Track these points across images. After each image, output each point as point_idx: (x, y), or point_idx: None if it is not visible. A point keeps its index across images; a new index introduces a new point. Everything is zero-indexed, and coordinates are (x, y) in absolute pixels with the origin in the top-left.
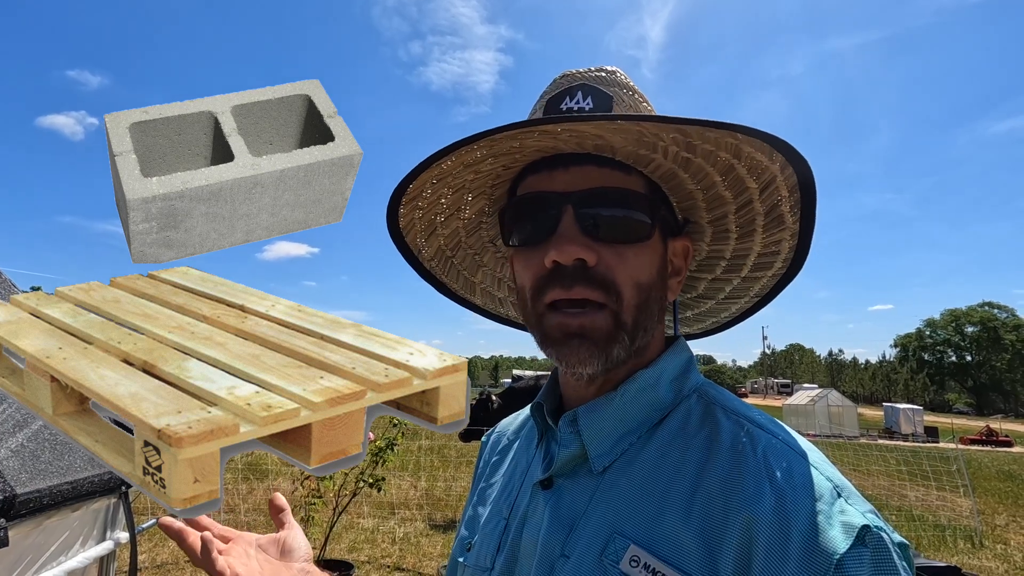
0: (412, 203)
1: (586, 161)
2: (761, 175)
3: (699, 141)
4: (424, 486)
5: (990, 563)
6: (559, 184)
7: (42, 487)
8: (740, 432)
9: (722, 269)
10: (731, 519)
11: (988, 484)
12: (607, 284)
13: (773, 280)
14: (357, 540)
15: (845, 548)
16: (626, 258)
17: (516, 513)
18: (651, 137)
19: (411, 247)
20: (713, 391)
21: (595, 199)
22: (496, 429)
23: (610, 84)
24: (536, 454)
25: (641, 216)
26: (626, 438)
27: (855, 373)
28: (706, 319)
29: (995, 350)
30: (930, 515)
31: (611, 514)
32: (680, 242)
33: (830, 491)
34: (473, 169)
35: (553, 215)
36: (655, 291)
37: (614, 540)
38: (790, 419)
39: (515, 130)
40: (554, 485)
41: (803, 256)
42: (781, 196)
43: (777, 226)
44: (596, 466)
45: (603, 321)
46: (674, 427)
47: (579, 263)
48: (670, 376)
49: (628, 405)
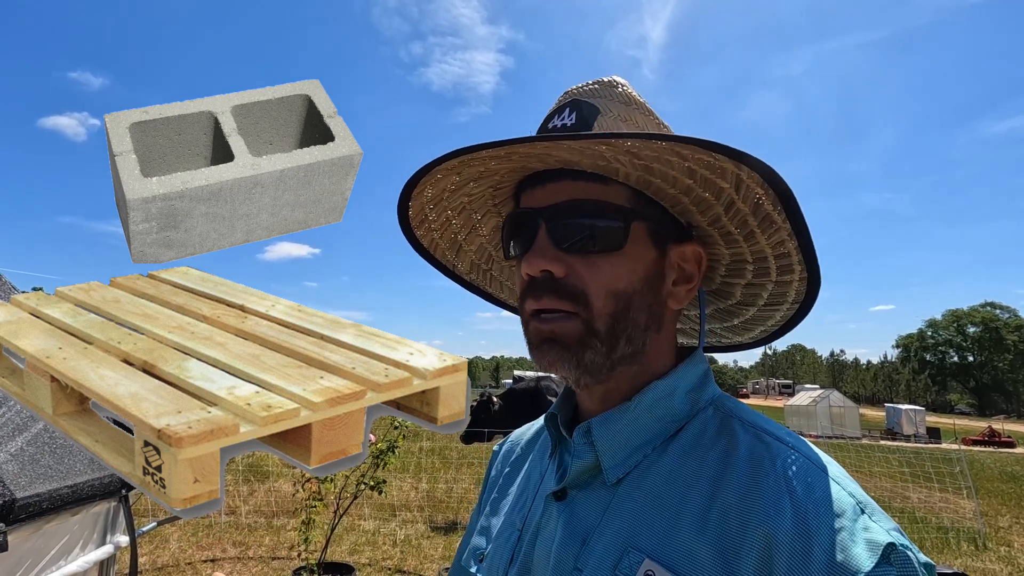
0: (423, 225)
1: (563, 176)
2: (724, 174)
3: (646, 151)
4: (425, 488)
5: (994, 565)
6: (536, 200)
7: (42, 491)
8: (759, 445)
9: (752, 273)
10: (749, 534)
11: (991, 485)
12: (575, 294)
13: (803, 284)
14: (358, 542)
15: (870, 567)
16: (598, 268)
17: (529, 525)
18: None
19: (445, 264)
20: (731, 403)
21: (565, 212)
22: (509, 439)
23: (599, 96)
24: (550, 465)
25: (611, 225)
26: (641, 450)
27: (857, 374)
28: (754, 327)
29: (997, 350)
30: (933, 517)
31: (625, 527)
32: (690, 247)
33: (853, 507)
34: (462, 192)
35: (531, 230)
36: (639, 298)
37: (628, 554)
38: (792, 420)
39: (457, 158)
40: (567, 497)
41: (811, 254)
42: (758, 194)
43: (770, 225)
44: (610, 478)
45: (573, 327)
46: (690, 439)
47: (546, 275)
48: (686, 387)
49: (643, 416)
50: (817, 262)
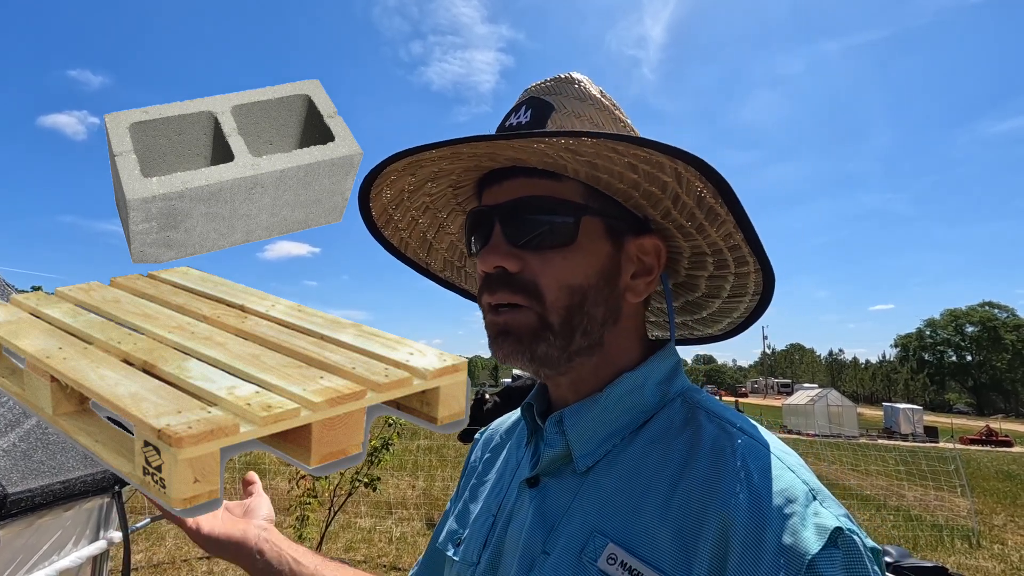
0: (390, 226)
1: (517, 174)
2: (663, 168)
3: (584, 147)
4: (422, 486)
5: (987, 563)
6: (493, 197)
7: (34, 486)
8: (722, 435)
9: (712, 265)
10: (707, 519)
11: (987, 484)
12: (528, 288)
13: (759, 275)
14: (354, 539)
15: (817, 549)
16: (551, 262)
17: (503, 510)
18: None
19: (418, 262)
20: (698, 395)
21: (518, 209)
22: (490, 427)
23: (555, 93)
24: (526, 453)
25: (564, 220)
26: (610, 439)
27: (855, 373)
28: (721, 319)
29: (995, 350)
30: (928, 515)
31: (592, 513)
32: (648, 240)
33: (805, 494)
34: (422, 192)
35: (486, 227)
36: (594, 292)
37: (593, 539)
38: (790, 419)
39: (405, 159)
40: (540, 484)
41: (758, 248)
42: (698, 187)
43: (715, 218)
44: (580, 466)
45: (525, 319)
46: (657, 429)
47: (500, 270)
48: (656, 380)
49: (613, 407)
50: (764, 253)
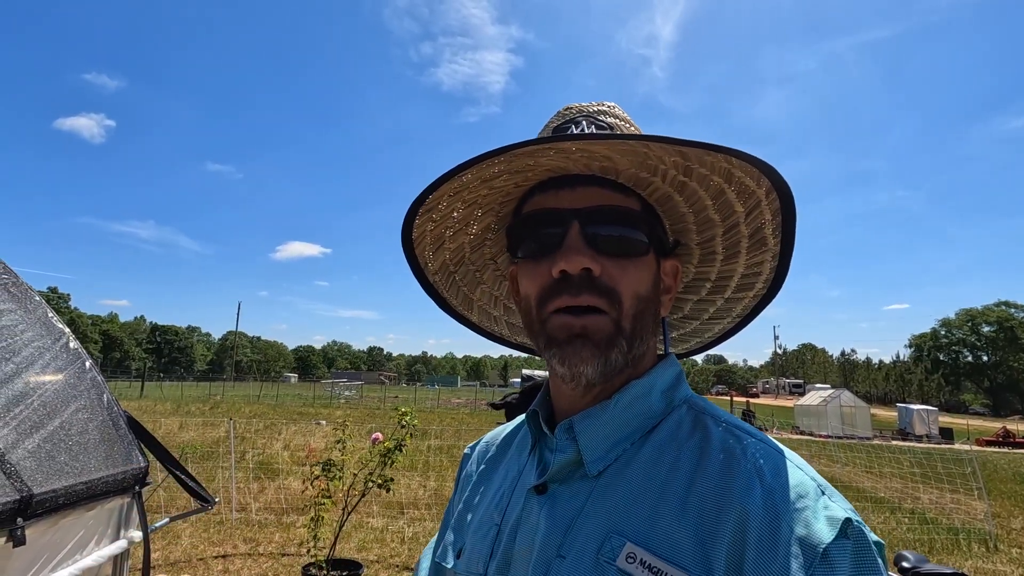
0: (427, 215)
1: (591, 182)
2: (748, 199)
3: (696, 164)
4: (433, 486)
5: (1005, 567)
6: (565, 202)
7: (58, 487)
8: (730, 438)
9: (707, 291)
10: (724, 516)
11: (1004, 487)
12: (610, 292)
13: (754, 301)
14: (366, 539)
15: (830, 539)
16: (627, 271)
17: (508, 519)
18: (654, 160)
19: (419, 259)
20: (702, 402)
21: (599, 216)
22: (483, 439)
23: (609, 115)
24: (529, 461)
25: (639, 234)
26: (620, 444)
27: (868, 373)
28: (690, 339)
29: (1012, 350)
30: (944, 518)
31: (607, 515)
32: (670, 262)
33: (814, 489)
34: (488, 184)
35: (560, 229)
36: (651, 304)
37: (610, 539)
38: (802, 419)
39: (535, 146)
40: (548, 490)
41: (782, 276)
42: (764, 220)
43: (759, 248)
44: (591, 470)
45: (605, 324)
46: (666, 434)
47: (585, 272)
48: (662, 387)
49: (622, 413)
50: (783, 279)
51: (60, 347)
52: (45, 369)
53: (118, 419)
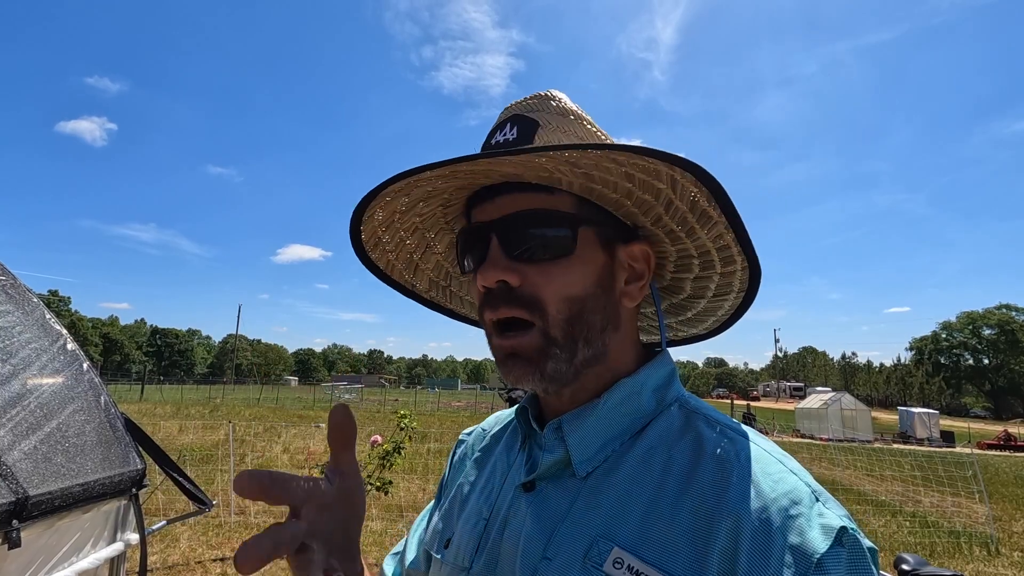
0: (378, 248)
1: (510, 189)
2: (659, 176)
3: (573, 159)
4: (432, 489)
5: (1006, 571)
6: (487, 214)
7: (54, 489)
8: (723, 440)
9: (698, 267)
10: (716, 522)
11: (1005, 490)
12: (532, 302)
13: (745, 274)
14: (365, 543)
15: (825, 548)
16: (552, 275)
17: (497, 515)
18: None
19: (403, 283)
20: (694, 402)
21: (515, 223)
22: (480, 426)
23: (538, 110)
24: (518, 457)
25: (560, 232)
26: (609, 444)
27: (869, 376)
28: (706, 318)
29: (1013, 353)
30: (945, 521)
31: (594, 517)
32: (637, 247)
33: (809, 495)
34: (413, 212)
35: (483, 243)
36: (592, 301)
37: (597, 543)
38: (802, 422)
39: (402, 180)
40: (536, 488)
41: (749, 246)
42: (692, 192)
43: (707, 221)
44: (580, 471)
45: (531, 340)
46: (656, 435)
47: (502, 284)
48: (652, 386)
49: (611, 413)
50: (753, 251)
51: (58, 349)
52: (42, 371)
53: (116, 421)
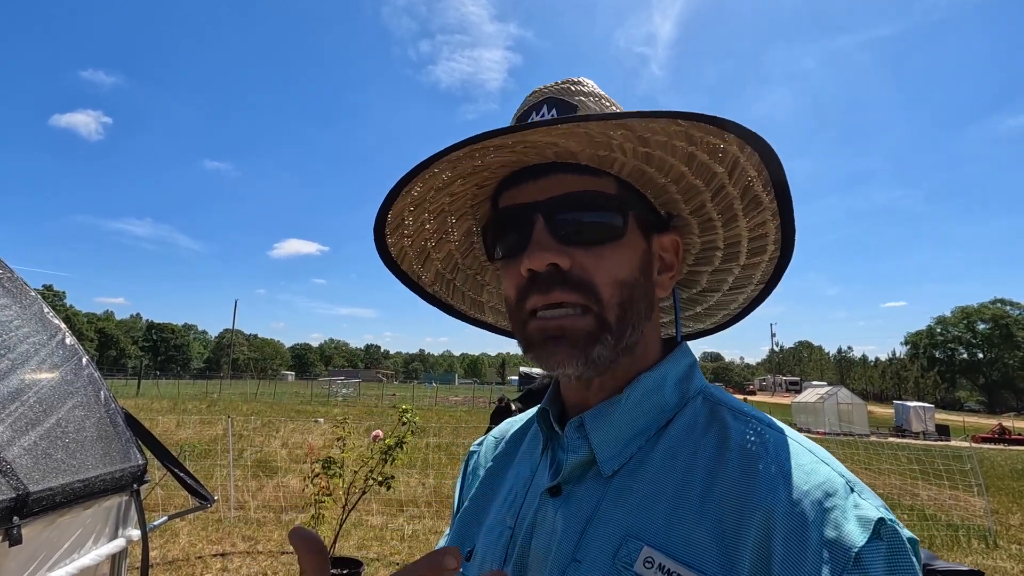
0: (397, 232)
1: (555, 170)
2: (724, 158)
3: (648, 134)
4: (432, 484)
5: (1005, 563)
6: (529, 195)
7: (55, 485)
8: (749, 431)
9: (720, 259)
10: (747, 516)
11: (1001, 483)
12: (584, 286)
13: (772, 264)
14: (366, 537)
15: (863, 542)
16: (602, 258)
17: (523, 522)
18: (601, 138)
19: (409, 275)
20: (718, 393)
21: (564, 205)
22: (491, 434)
23: (575, 94)
24: (542, 461)
25: (612, 216)
26: (634, 441)
27: (865, 371)
28: (716, 312)
29: (1007, 347)
30: (943, 514)
31: (622, 517)
32: (668, 237)
33: (843, 486)
34: (446, 192)
35: (526, 225)
36: (639, 288)
37: (627, 543)
38: (799, 417)
39: (466, 147)
40: (563, 492)
41: (791, 235)
42: (750, 176)
43: (755, 207)
44: (605, 470)
45: (584, 323)
46: (682, 429)
47: (553, 268)
48: (674, 379)
49: (634, 408)
50: (793, 239)
51: (56, 343)
52: (41, 366)
53: (116, 416)
